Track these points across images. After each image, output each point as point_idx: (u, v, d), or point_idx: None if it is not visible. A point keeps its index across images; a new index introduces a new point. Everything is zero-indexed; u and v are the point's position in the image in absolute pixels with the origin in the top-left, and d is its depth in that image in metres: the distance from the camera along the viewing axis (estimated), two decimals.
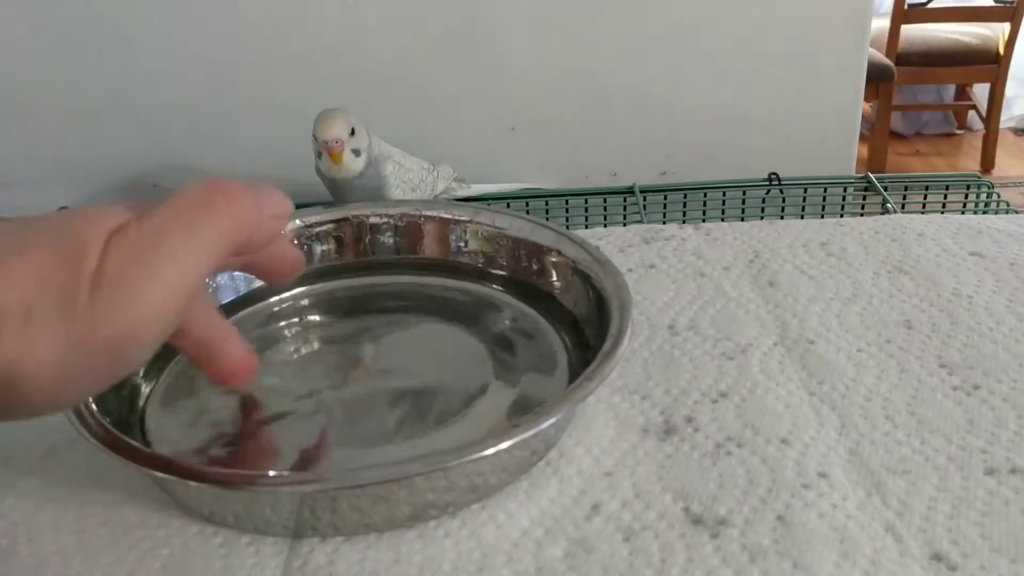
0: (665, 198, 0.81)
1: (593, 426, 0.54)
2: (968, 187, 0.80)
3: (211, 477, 0.44)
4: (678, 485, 0.49)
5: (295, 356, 0.60)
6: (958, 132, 3.74)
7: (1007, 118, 3.58)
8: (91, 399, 0.49)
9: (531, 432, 0.45)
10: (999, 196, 0.80)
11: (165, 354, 0.58)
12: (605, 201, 0.81)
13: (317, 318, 0.63)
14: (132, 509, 0.49)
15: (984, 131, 3.34)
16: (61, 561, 0.46)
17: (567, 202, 0.78)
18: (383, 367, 0.58)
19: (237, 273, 0.62)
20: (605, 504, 0.48)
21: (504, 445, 0.45)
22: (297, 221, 0.65)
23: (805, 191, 0.81)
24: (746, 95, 0.83)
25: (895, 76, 2.93)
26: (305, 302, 0.64)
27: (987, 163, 3.32)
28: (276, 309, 0.63)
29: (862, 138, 0.87)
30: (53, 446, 0.54)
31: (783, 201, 0.81)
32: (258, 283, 0.63)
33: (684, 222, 0.79)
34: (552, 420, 0.47)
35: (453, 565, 0.45)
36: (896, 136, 3.53)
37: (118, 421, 0.51)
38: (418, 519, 0.47)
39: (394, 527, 0.47)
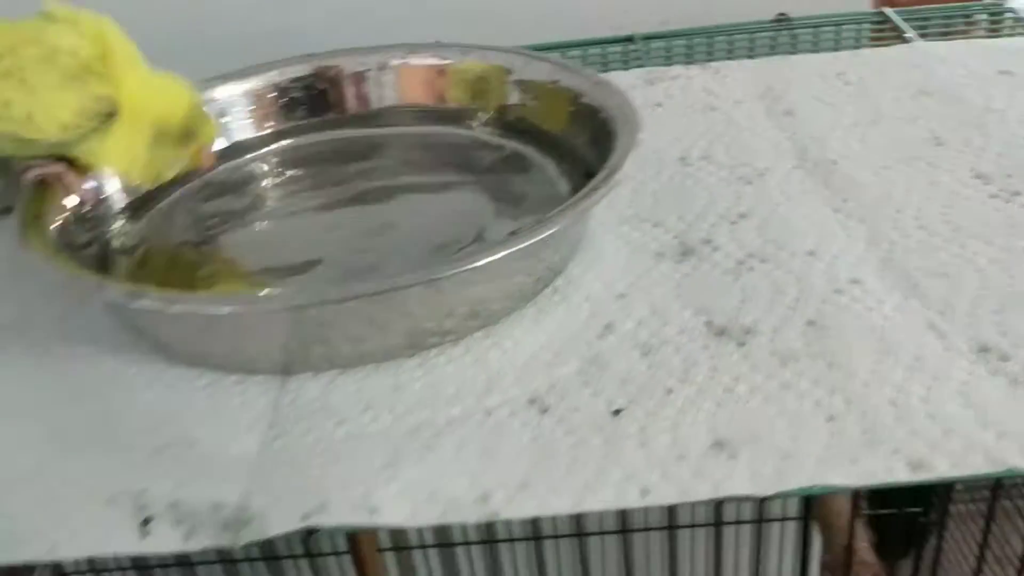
0: (668, 45, 0.76)
1: (603, 254, 0.50)
2: (991, 14, 0.75)
3: (198, 300, 0.40)
4: (698, 302, 0.45)
5: (275, 209, 0.55)
6: None
7: None
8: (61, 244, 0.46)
9: (530, 241, 0.41)
10: None
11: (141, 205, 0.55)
12: (604, 51, 0.76)
13: (298, 172, 0.59)
14: (113, 360, 0.46)
15: None
16: (40, 410, 0.43)
17: (562, 54, 0.73)
18: (372, 217, 0.54)
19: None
20: (619, 324, 0.45)
21: (500, 254, 0.41)
22: (274, 73, 0.61)
23: (816, 30, 0.76)
24: None
25: None
26: (284, 156, 0.60)
27: None
28: (251, 167, 0.59)
29: None
30: (28, 304, 0.50)
31: (794, 42, 0.76)
32: (236, 138, 0.59)
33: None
34: (553, 229, 0.42)
35: (457, 388, 0.42)
36: None
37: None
38: (417, 347, 0.44)
39: (392, 357, 0.43)
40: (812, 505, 0.79)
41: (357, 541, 0.80)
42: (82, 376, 0.45)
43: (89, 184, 0.52)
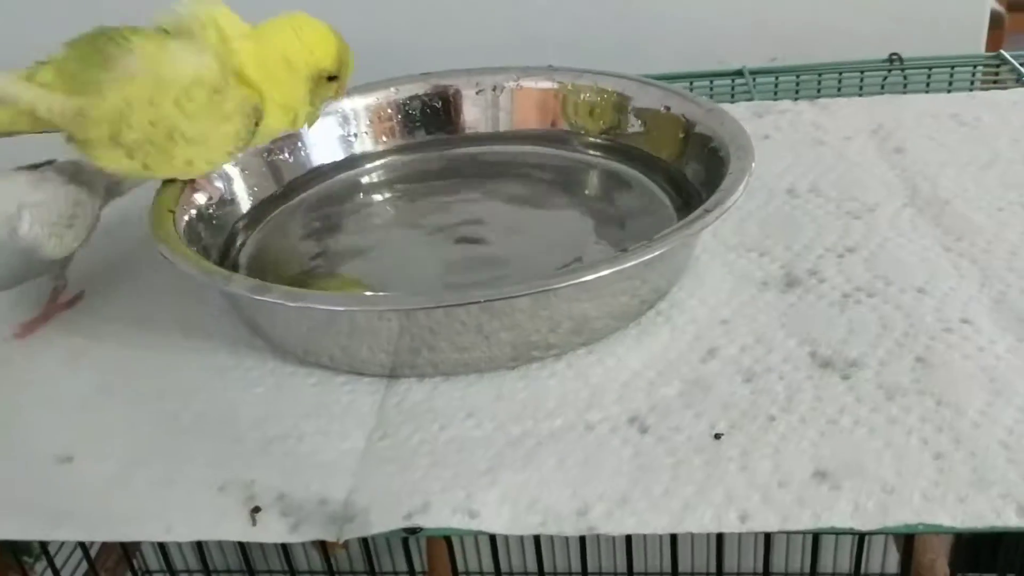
0: (776, 80, 0.76)
1: (708, 280, 0.50)
2: None
3: (314, 298, 0.42)
4: (803, 331, 0.45)
5: (386, 222, 0.57)
6: None
7: None
8: (187, 240, 0.48)
9: (640, 259, 0.42)
10: None
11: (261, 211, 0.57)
12: (711, 84, 0.76)
13: (409, 186, 0.60)
14: (227, 355, 0.48)
15: None
16: (155, 398, 0.45)
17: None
18: (478, 233, 0.55)
19: (333, 138, 0.60)
20: (723, 349, 0.45)
21: (610, 270, 0.41)
22: (392, 90, 0.63)
23: (929, 71, 0.75)
24: None
25: None
26: (395, 172, 0.62)
27: None
28: (365, 179, 0.61)
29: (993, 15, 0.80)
30: (150, 299, 0.53)
31: (905, 82, 0.75)
32: (355, 150, 0.61)
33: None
34: (663, 249, 0.43)
35: (559, 402, 0.42)
36: None
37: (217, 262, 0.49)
38: (520, 360, 0.44)
39: (495, 367, 0.44)
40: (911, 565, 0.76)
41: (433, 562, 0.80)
42: (199, 368, 0.47)
43: (216, 183, 0.54)
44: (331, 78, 0.52)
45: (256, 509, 0.38)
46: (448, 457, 0.39)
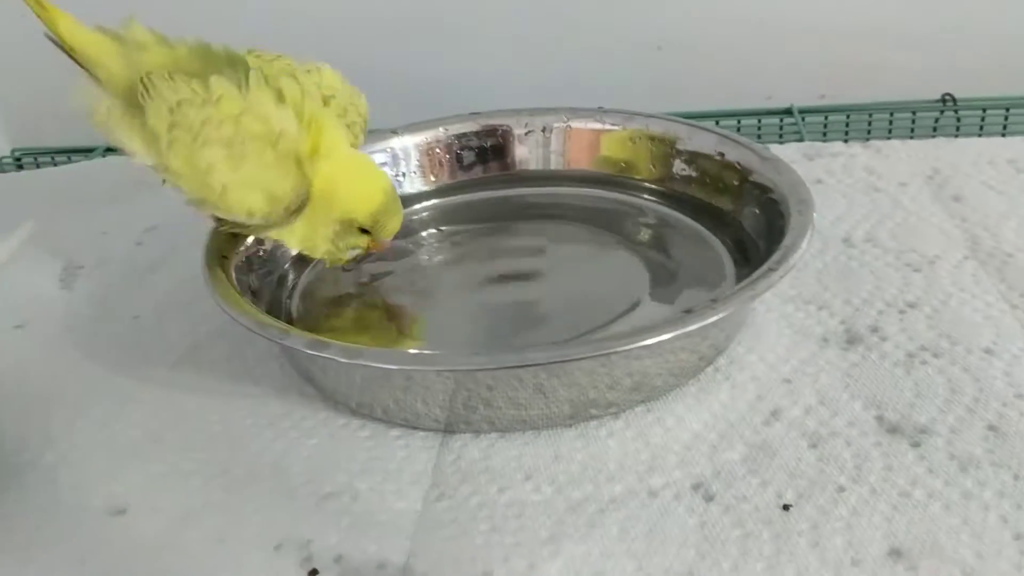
0: (826, 119, 0.75)
1: (765, 334, 0.49)
2: None
3: (370, 355, 0.41)
4: (868, 393, 0.44)
5: (435, 263, 0.56)
6: None
7: None
8: (240, 289, 0.48)
9: (708, 320, 0.41)
10: None
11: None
12: (759, 123, 0.75)
13: (457, 227, 0.60)
14: (277, 402, 0.47)
15: None
16: (206, 448, 0.45)
17: (717, 123, 0.73)
18: (528, 276, 0.54)
19: None
20: (786, 411, 0.44)
21: (676, 332, 0.40)
22: (440, 129, 0.62)
23: (984, 112, 0.74)
24: (914, 8, 0.76)
25: None
26: (445, 211, 0.61)
27: None
28: (416, 217, 0.60)
29: None
30: (196, 342, 0.52)
31: (958, 123, 0.74)
32: (404, 190, 0.61)
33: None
34: (729, 310, 0.42)
35: (619, 465, 0.41)
36: None
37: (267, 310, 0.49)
38: (578, 418, 0.44)
39: (552, 425, 0.44)
40: None
41: None
42: (248, 415, 0.46)
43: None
44: (363, 231, 0.50)
45: (314, 572, 0.37)
46: (508, 523, 0.38)
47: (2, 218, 0.67)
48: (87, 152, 0.79)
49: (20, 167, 0.82)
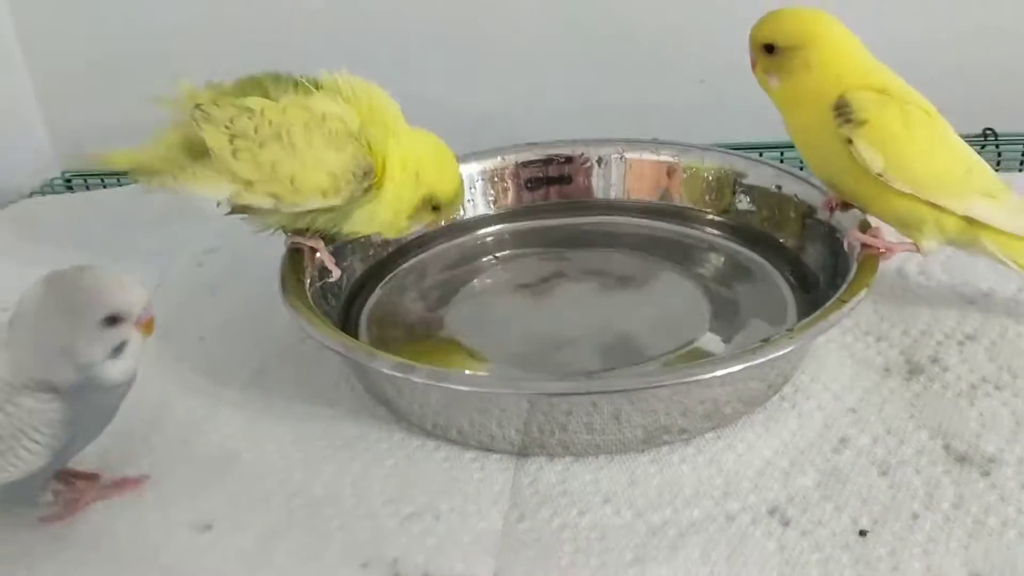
0: None
1: (827, 364, 0.50)
2: None
3: (453, 378, 0.42)
4: (933, 423, 0.45)
5: (494, 291, 0.58)
6: None
7: None
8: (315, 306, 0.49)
9: (786, 349, 0.42)
10: None
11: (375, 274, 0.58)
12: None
13: (518, 252, 0.61)
14: (350, 423, 0.48)
15: None
16: (285, 468, 0.46)
17: (760, 154, 0.74)
18: (588, 305, 0.55)
19: None
20: (854, 439, 0.45)
21: (752, 363, 0.41)
22: (499, 158, 0.63)
23: None
24: (955, 42, 0.77)
25: None
26: (507, 238, 0.62)
27: None
28: (479, 243, 0.62)
29: None
30: (263, 364, 0.53)
31: (999, 157, 0.75)
32: (464, 216, 0.62)
33: None
34: (806, 341, 0.43)
35: (695, 490, 0.42)
36: None
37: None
38: (650, 443, 0.45)
39: (625, 450, 0.45)
40: None
41: None
42: (323, 436, 0.47)
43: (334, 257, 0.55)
44: (435, 208, 0.53)
45: None
46: (592, 545, 0.39)
47: (55, 238, 0.69)
48: None
49: (70, 189, 0.83)
